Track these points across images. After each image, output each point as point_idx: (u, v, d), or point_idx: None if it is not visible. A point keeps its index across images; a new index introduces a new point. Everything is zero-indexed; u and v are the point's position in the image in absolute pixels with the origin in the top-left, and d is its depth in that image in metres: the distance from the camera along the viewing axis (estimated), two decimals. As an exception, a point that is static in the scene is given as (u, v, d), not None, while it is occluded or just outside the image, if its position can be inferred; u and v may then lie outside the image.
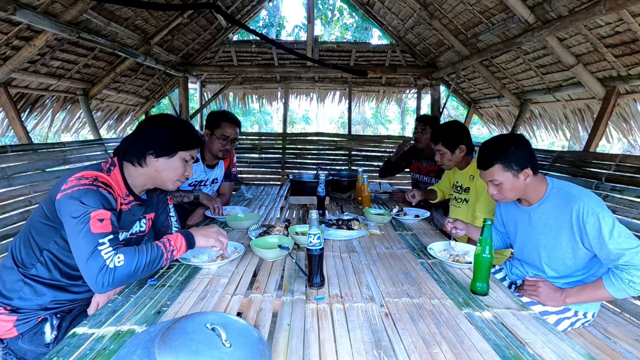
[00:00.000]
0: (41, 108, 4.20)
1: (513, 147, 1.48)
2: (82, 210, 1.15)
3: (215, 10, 4.09)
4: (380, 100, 7.02)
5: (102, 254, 1.12)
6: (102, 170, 1.29)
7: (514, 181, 1.48)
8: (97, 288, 1.12)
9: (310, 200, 2.68)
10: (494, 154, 1.50)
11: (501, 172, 1.48)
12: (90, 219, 1.14)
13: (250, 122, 15.06)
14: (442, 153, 2.27)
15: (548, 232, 1.51)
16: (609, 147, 8.07)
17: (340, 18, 12.45)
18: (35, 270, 1.29)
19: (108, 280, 1.11)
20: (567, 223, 1.43)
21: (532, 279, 1.55)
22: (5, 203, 2.19)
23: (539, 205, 1.54)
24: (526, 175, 1.48)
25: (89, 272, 1.11)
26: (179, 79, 5.57)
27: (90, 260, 1.11)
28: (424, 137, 3.14)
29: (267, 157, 6.10)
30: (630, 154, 2.98)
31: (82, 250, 1.12)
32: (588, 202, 1.38)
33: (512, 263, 1.80)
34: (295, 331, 1.04)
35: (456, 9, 3.85)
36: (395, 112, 15.45)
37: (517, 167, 1.46)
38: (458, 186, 2.36)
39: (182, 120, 1.47)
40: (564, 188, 1.49)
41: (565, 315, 1.50)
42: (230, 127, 2.36)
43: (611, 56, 2.81)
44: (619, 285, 1.32)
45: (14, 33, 2.86)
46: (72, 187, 1.18)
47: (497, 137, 1.59)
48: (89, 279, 1.12)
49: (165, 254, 1.24)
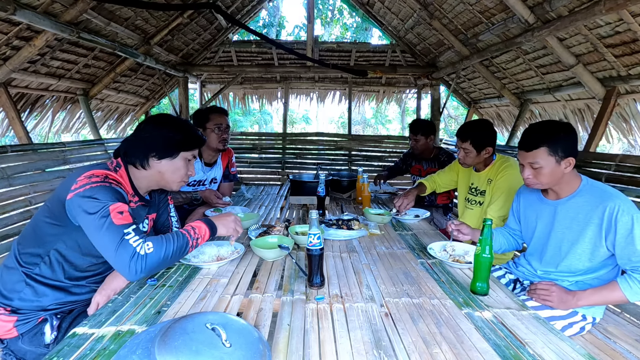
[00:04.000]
0: (41, 108, 4.20)
1: (563, 132, 1.46)
2: (99, 205, 1.16)
3: (215, 10, 4.09)
4: (380, 100, 7.02)
5: (131, 243, 1.15)
6: (109, 170, 1.30)
7: (555, 167, 1.46)
8: (130, 275, 1.15)
9: (310, 200, 2.68)
10: (543, 136, 1.46)
11: (545, 155, 1.45)
12: (111, 213, 1.16)
13: (250, 122, 15.06)
14: (468, 151, 2.18)
15: (574, 226, 1.49)
16: (609, 147, 8.07)
17: (340, 18, 12.45)
18: (38, 270, 1.28)
19: (141, 266, 1.14)
20: (597, 219, 1.42)
21: (544, 284, 1.51)
22: (5, 203, 2.20)
23: (568, 199, 1.52)
24: (568, 163, 1.45)
25: (121, 261, 1.14)
26: (179, 79, 5.57)
27: (120, 250, 1.14)
28: (419, 145, 3.18)
29: (267, 157, 6.10)
30: (630, 154, 2.98)
31: (109, 243, 1.14)
32: (624, 201, 1.38)
33: (517, 261, 1.78)
34: (295, 331, 1.04)
35: (456, 9, 3.85)
36: (395, 112, 15.44)
37: (562, 154, 1.44)
38: (474, 188, 2.30)
39: (182, 120, 1.47)
40: (599, 185, 1.48)
41: (572, 320, 1.48)
42: (220, 116, 2.42)
43: (611, 56, 2.81)
44: (636, 289, 1.32)
45: (14, 33, 2.86)
46: (83, 186, 1.19)
47: (546, 121, 1.55)
48: (121, 268, 1.15)
49: (191, 242, 1.29)
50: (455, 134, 2.25)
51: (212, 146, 2.41)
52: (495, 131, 2.24)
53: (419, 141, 3.16)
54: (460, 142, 2.19)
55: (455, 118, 13.56)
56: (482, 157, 2.18)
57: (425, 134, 3.14)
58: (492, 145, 2.17)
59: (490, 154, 2.18)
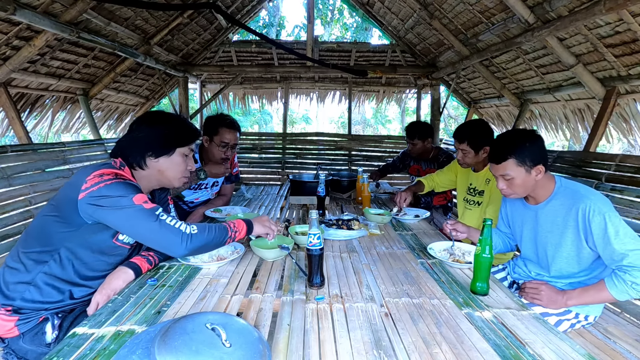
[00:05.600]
0: (41, 108, 4.20)
1: (528, 142, 1.46)
2: (123, 200, 1.19)
3: (215, 10, 4.08)
4: (380, 100, 7.01)
5: (170, 223, 1.22)
6: (116, 168, 1.30)
7: (526, 177, 1.47)
8: (180, 249, 1.22)
9: (310, 200, 2.68)
10: (509, 147, 1.47)
11: (514, 166, 1.47)
12: (138, 202, 1.21)
13: (250, 122, 15.05)
14: (466, 152, 2.20)
15: (555, 230, 1.50)
16: (609, 147, 8.07)
17: (340, 18, 12.45)
18: (48, 268, 1.28)
19: (187, 243, 1.21)
20: (573, 221, 1.42)
21: (534, 283, 1.53)
22: (5, 203, 2.19)
23: (546, 204, 1.53)
24: (538, 171, 1.46)
25: (168, 237, 1.20)
26: (179, 79, 5.57)
27: (164, 230, 1.20)
28: (415, 149, 3.19)
29: (267, 157, 6.10)
30: (630, 154, 2.98)
31: (148, 226, 1.19)
32: (595, 201, 1.37)
33: (515, 262, 1.79)
34: (295, 331, 1.04)
35: (456, 9, 3.85)
36: (395, 112, 15.44)
37: (531, 162, 1.45)
38: (472, 189, 2.31)
39: (174, 115, 1.47)
40: (571, 186, 1.48)
41: (565, 317, 1.50)
42: (229, 133, 2.26)
43: (611, 56, 2.81)
44: (621, 287, 1.31)
45: (14, 33, 2.86)
46: (96, 185, 1.20)
47: (512, 131, 1.57)
48: (170, 243, 1.21)
49: (230, 233, 1.37)
50: (453, 135, 2.27)
51: (213, 159, 2.31)
52: (492, 130, 2.26)
53: (416, 145, 3.15)
54: (458, 144, 2.22)
55: (455, 118, 13.55)
56: (480, 157, 2.20)
57: (422, 138, 3.12)
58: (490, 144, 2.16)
59: (488, 153, 2.18)
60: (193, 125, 1.48)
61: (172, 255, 1.28)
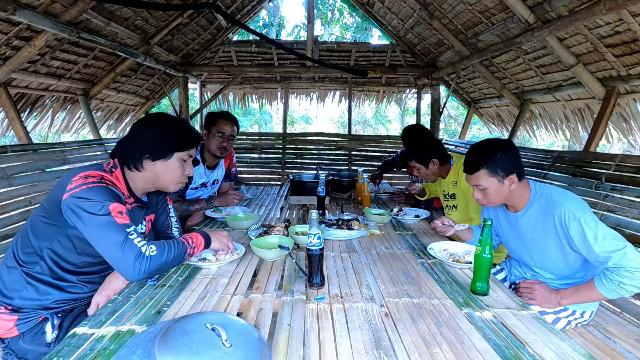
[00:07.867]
0: (41, 108, 4.20)
1: (500, 152, 1.46)
2: (98, 205, 1.17)
3: (215, 10, 4.08)
4: (380, 100, 7.02)
5: (135, 243, 1.17)
6: (104, 171, 1.29)
7: (499, 187, 1.48)
8: (134, 275, 1.16)
9: (310, 200, 2.68)
10: (480, 158, 1.48)
11: (486, 177, 1.47)
12: (111, 212, 1.17)
13: (250, 122, 15.05)
14: (418, 168, 2.30)
15: (536, 237, 1.51)
16: (609, 147, 8.07)
17: (340, 18, 12.45)
18: (39, 268, 1.28)
19: (145, 267, 1.16)
20: (552, 228, 1.43)
21: (528, 282, 1.54)
22: (5, 203, 2.19)
23: (525, 211, 1.53)
24: (511, 181, 1.47)
25: (125, 259, 1.15)
26: (179, 79, 5.57)
27: (126, 249, 1.15)
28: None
29: (267, 157, 6.09)
30: (630, 154, 2.98)
31: (113, 241, 1.15)
32: (568, 207, 1.37)
33: (511, 264, 1.80)
34: (295, 331, 1.04)
35: (456, 9, 3.85)
36: (395, 112, 15.44)
37: (503, 172, 1.45)
38: (446, 194, 2.38)
39: (177, 119, 1.44)
40: (545, 192, 1.48)
41: (561, 315, 1.50)
42: (226, 124, 2.37)
43: (611, 56, 2.81)
44: (609, 287, 1.32)
45: (14, 33, 2.86)
46: (79, 186, 1.18)
47: (484, 142, 1.57)
48: (125, 267, 1.15)
49: (189, 250, 1.32)
50: None
51: (210, 151, 2.39)
52: (435, 140, 2.32)
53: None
54: (410, 162, 2.32)
55: (455, 118, 13.56)
56: (433, 169, 2.27)
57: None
58: (437, 155, 2.24)
59: (439, 164, 2.25)
60: (195, 130, 1.46)
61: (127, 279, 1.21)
